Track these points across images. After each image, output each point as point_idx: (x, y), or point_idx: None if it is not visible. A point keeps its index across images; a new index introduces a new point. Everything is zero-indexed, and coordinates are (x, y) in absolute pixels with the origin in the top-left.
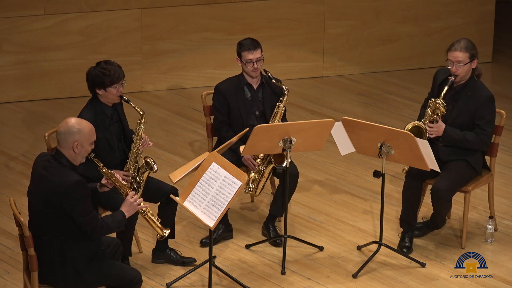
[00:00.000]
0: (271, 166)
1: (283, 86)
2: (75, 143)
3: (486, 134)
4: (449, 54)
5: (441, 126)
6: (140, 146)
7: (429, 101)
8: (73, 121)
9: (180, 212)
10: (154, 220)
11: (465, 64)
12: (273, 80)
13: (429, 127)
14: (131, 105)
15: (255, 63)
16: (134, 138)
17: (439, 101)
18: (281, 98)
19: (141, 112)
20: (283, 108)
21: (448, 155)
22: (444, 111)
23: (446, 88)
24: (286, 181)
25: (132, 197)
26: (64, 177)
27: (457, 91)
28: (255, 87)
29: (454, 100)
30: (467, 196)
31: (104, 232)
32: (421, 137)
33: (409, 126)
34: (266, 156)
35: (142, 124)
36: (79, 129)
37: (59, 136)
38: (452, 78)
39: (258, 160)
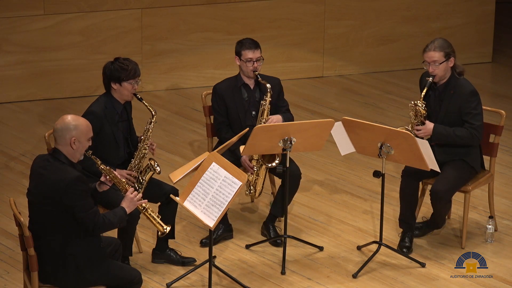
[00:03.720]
0: (264, 166)
1: (266, 85)
2: (73, 138)
3: (475, 128)
4: (424, 55)
5: (428, 125)
6: (147, 146)
7: (409, 104)
8: (70, 117)
9: (180, 212)
10: (155, 217)
11: (440, 63)
12: (260, 79)
13: (417, 130)
14: (143, 103)
15: (255, 62)
16: (142, 137)
17: (419, 103)
18: (264, 96)
19: (153, 112)
20: (268, 106)
21: (445, 156)
22: (424, 112)
23: (425, 89)
24: (286, 181)
25: (132, 193)
26: (63, 173)
27: (440, 92)
28: (251, 87)
29: (440, 100)
30: (467, 196)
31: (106, 228)
32: None
33: None
34: (259, 157)
35: (153, 124)
36: (75, 125)
37: (56, 133)
38: (430, 79)
39: (254, 161)
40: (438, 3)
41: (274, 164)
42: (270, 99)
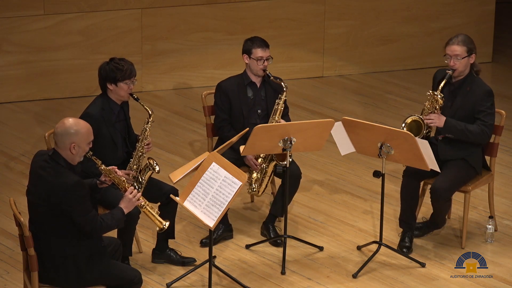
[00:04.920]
0: (273, 163)
1: (282, 83)
2: (72, 144)
3: (487, 126)
4: (447, 48)
5: (441, 116)
6: (145, 146)
7: (427, 93)
8: (71, 121)
9: (180, 212)
10: (153, 213)
11: (462, 58)
12: (272, 78)
13: (429, 118)
14: (140, 103)
15: (265, 61)
16: (140, 137)
17: (437, 93)
18: (280, 95)
19: (150, 111)
20: (283, 105)
21: (447, 154)
22: (442, 102)
23: (444, 81)
24: (286, 181)
25: (131, 193)
26: (62, 178)
27: (456, 87)
28: (258, 85)
29: (453, 96)
30: (467, 196)
31: (104, 231)
32: (421, 131)
33: (408, 120)
34: (267, 154)
35: (150, 123)
36: (76, 130)
37: (56, 137)
38: (450, 72)
39: (260, 159)
40: (438, 3)
41: (286, 162)
42: (286, 98)
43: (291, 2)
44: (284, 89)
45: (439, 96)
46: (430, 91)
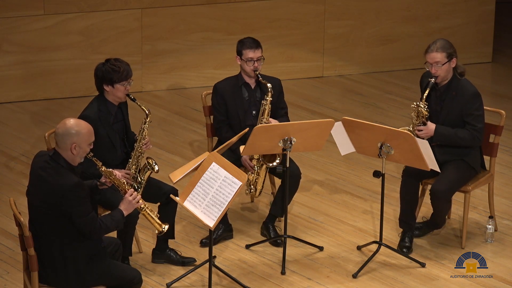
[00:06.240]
0: (264, 165)
1: (267, 84)
2: (73, 144)
3: (476, 130)
4: (426, 56)
5: (430, 126)
6: (143, 146)
7: (411, 105)
8: (72, 122)
9: (180, 212)
10: (153, 215)
11: (443, 64)
12: (260, 79)
13: (419, 130)
14: (137, 103)
15: (255, 62)
16: (138, 137)
17: (421, 104)
18: (265, 96)
19: (147, 111)
20: (270, 106)
21: (445, 156)
22: (426, 113)
23: (427, 90)
24: (286, 181)
25: (131, 195)
26: (62, 179)
27: (442, 92)
28: (252, 86)
29: (441, 100)
30: (467, 196)
31: (103, 232)
32: None
33: None
34: (259, 157)
35: (147, 123)
36: (77, 130)
37: (57, 138)
38: (432, 80)
39: (254, 160)
40: (438, 3)
41: (275, 163)
42: (271, 99)
43: (291, 2)
44: (269, 89)
45: (423, 108)
46: (415, 103)
